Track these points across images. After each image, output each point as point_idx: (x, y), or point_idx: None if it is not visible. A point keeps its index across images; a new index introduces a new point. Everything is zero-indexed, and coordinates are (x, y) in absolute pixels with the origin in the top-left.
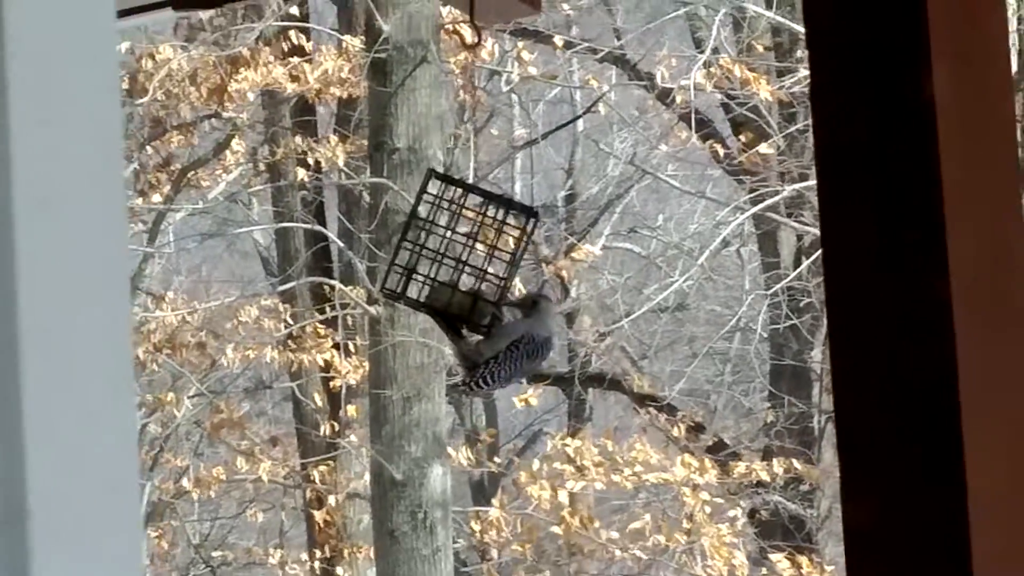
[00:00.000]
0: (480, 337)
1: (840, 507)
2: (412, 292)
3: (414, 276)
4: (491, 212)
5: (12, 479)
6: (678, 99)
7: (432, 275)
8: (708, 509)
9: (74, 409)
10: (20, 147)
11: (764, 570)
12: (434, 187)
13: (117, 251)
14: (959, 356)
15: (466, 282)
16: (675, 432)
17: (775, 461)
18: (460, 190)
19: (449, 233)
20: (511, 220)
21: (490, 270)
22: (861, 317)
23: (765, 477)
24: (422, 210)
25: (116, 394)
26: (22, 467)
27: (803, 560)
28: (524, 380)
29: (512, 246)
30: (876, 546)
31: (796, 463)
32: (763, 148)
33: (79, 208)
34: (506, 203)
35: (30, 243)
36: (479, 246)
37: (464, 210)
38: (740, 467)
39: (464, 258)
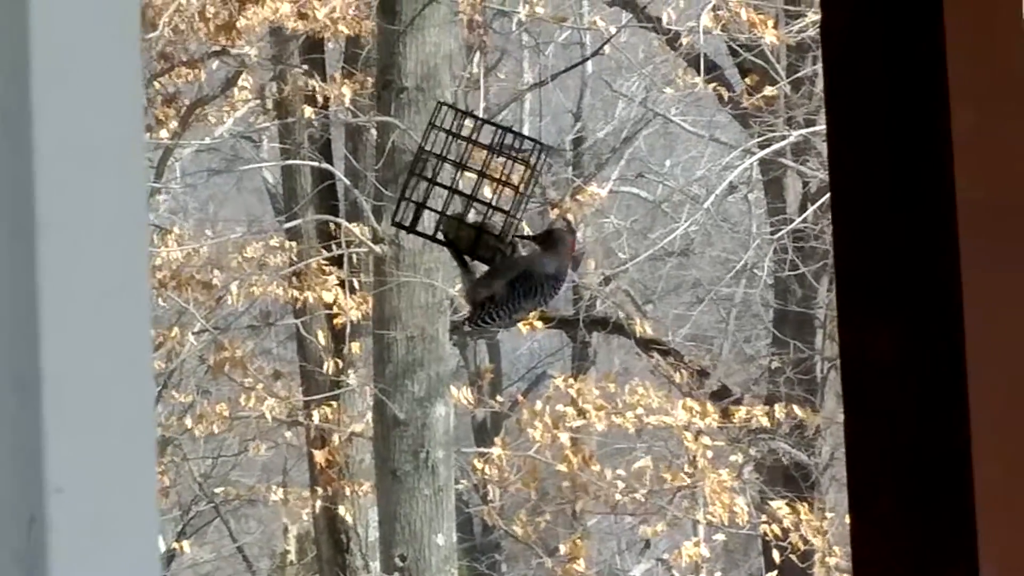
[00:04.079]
0: (483, 272)
1: (840, 380)
2: (423, 225)
3: (425, 208)
4: (500, 146)
5: (27, 351)
6: (684, 42)
7: (442, 208)
8: (710, 454)
9: (89, 291)
10: (40, 76)
11: (764, 516)
12: (446, 122)
13: (134, 168)
14: (965, 298)
15: (473, 216)
16: (678, 378)
17: (776, 407)
18: (470, 125)
19: (459, 166)
20: (520, 155)
21: (498, 204)
22: (869, 261)
23: (766, 423)
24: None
25: (129, 277)
26: (36, 338)
27: (802, 507)
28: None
29: (520, 180)
30: (887, 375)
31: (797, 409)
32: (768, 91)
33: (99, 142)
34: (515, 136)
35: (50, 174)
36: (488, 180)
37: (474, 144)
38: (741, 412)
39: (473, 192)
